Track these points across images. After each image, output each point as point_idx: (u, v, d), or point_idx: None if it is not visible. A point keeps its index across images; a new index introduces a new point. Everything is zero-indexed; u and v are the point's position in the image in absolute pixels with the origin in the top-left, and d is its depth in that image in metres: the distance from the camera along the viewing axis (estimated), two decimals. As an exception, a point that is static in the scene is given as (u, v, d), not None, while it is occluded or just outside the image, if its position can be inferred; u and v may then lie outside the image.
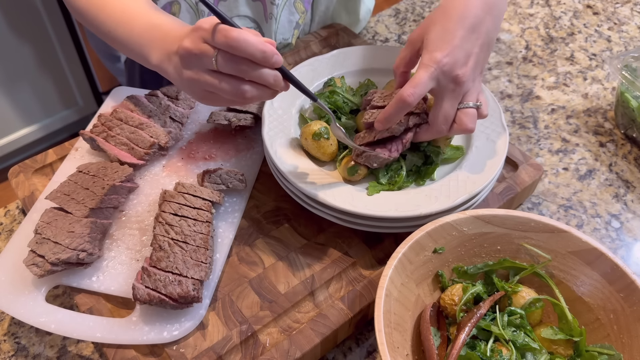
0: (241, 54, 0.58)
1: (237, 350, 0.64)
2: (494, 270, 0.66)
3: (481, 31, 0.67)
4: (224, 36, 0.58)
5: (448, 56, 0.64)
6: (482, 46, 0.67)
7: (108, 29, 0.76)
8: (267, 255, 0.73)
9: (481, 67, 0.69)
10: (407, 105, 0.65)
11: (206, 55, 0.60)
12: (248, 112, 0.85)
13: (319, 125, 0.75)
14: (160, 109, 0.85)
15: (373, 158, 0.72)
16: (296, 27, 1.01)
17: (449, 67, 0.64)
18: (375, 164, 0.72)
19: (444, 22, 0.66)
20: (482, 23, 0.67)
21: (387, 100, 0.74)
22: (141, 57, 0.71)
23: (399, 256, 0.62)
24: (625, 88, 0.90)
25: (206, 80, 0.61)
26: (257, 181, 0.82)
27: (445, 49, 0.65)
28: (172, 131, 0.82)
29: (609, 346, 0.59)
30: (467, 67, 0.65)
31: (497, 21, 0.69)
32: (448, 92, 0.66)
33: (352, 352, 0.69)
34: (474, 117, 0.68)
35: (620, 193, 0.85)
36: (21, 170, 0.83)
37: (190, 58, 0.62)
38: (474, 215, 0.65)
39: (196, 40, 0.61)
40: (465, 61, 0.65)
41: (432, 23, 0.67)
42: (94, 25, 0.78)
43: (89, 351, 0.68)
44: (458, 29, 0.65)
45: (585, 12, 1.18)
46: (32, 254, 0.66)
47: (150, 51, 0.69)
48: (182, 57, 0.62)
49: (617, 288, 0.61)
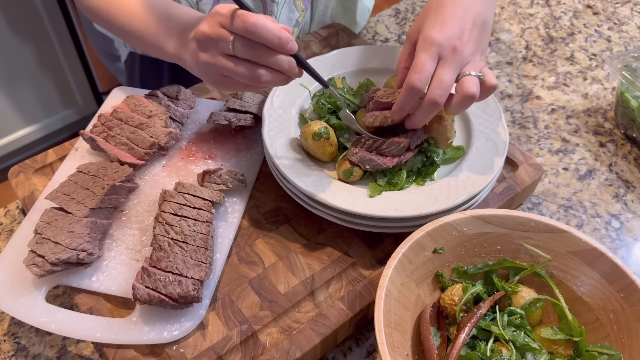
0: (258, 39, 0.60)
1: (237, 350, 0.64)
2: (494, 270, 0.66)
3: (471, 11, 0.69)
4: (242, 21, 0.60)
5: (442, 32, 0.67)
6: (474, 23, 0.69)
7: (122, 23, 0.77)
8: (267, 255, 0.73)
9: (480, 44, 0.70)
10: (416, 91, 0.66)
11: (223, 39, 0.62)
12: (248, 112, 0.85)
13: (319, 125, 0.75)
14: (160, 109, 0.85)
15: (367, 161, 0.72)
16: (296, 25, 1.01)
17: (445, 40, 0.66)
18: (368, 167, 0.73)
19: (437, 9, 0.70)
20: (471, 4, 0.70)
21: (390, 97, 0.74)
22: (158, 49, 0.73)
23: (399, 256, 0.62)
24: (625, 88, 0.90)
25: (222, 64, 0.63)
26: (257, 181, 0.82)
27: (439, 29, 0.67)
28: (172, 131, 0.82)
29: (609, 346, 0.59)
30: (462, 39, 0.67)
31: (488, 4, 0.72)
32: (447, 61, 0.67)
33: (352, 352, 0.69)
34: (476, 83, 0.66)
35: (620, 193, 0.85)
36: (21, 170, 0.83)
37: (207, 42, 0.63)
38: (474, 215, 0.65)
39: (214, 24, 0.62)
40: (460, 35, 0.67)
41: (427, 13, 0.71)
42: (107, 21, 0.79)
43: (89, 351, 0.68)
44: (450, 12, 0.69)
45: (585, 12, 1.18)
46: (32, 254, 0.66)
47: (168, 41, 0.71)
48: (199, 41, 0.64)
49: (617, 288, 0.61)
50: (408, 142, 0.73)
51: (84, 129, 0.88)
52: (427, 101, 0.66)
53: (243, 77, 0.63)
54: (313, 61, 0.88)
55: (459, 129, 0.81)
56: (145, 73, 1.13)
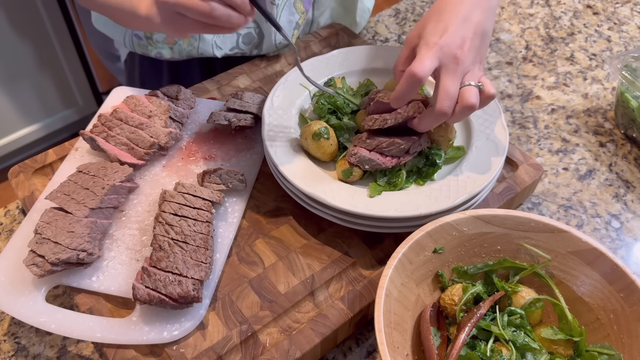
0: None
1: (237, 350, 0.64)
2: (494, 270, 0.66)
3: (472, 20, 0.70)
4: None
5: (443, 39, 0.68)
6: (475, 33, 0.69)
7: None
8: (267, 255, 0.73)
9: (479, 54, 0.70)
10: (417, 80, 0.66)
11: None
12: (248, 112, 0.85)
13: (319, 125, 0.75)
14: (161, 109, 0.85)
15: (367, 161, 0.72)
16: (296, 27, 1.01)
17: (447, 47, 0.67)
18: (367, 167, 0.72)
19: (438, 17, 0.70)
20: (472, 14, 0.70)
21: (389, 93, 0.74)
22: (132, 14, 0.74)
23: (399, 256, 0.62)
24: (625, 88, 0.90)
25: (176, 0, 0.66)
26: (257, 181, 0.82)
27: (440, 35, 0.68)
28: (172, 131, 0.82)
29: (609, 346, 0.59)
30: (463, 49, 0.68)
31: (489, 14, 0.72)
32: (449, 70, 0.67)
33: (352, 352, 0.69)
34: (476, 94, 0.68)
35: (620, 193, 0.85)
36: (21, 170, 0.83)
37: None
38: (474, 215, 0.65)
39: None
40: (461, 44, 0.68)
41: (427, 20, 0.71)
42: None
43: (89, 351, 0.68)
44: (451, 20, 0.69)
45: (585, 12, 1.18)
46: (32, 254, 0.66)
47: (140, 3, 0.72)
48: None
49: (617, 288, 0.61)
50: (409, 145, 0.73)
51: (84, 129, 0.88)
52: (437, 112, 0.67)
53: (196, 13, 0.66)
54: (313, 61, 0.88)
55: (459, 129, 0.81)
56: (145, 73, 1.13)
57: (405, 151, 0.74)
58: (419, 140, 0.74)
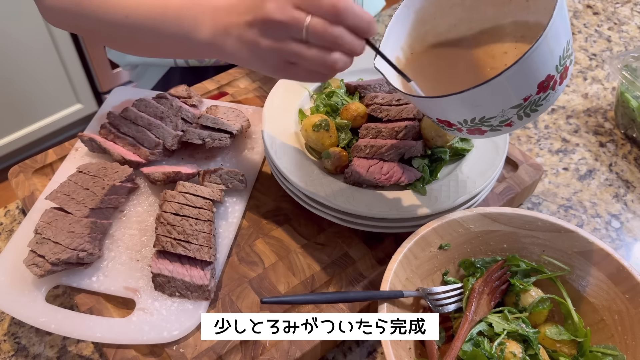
0: (346, 24, 0.54)
1: (237, 350, 0.64)
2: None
3: None
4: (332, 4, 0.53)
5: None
6: None
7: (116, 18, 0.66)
8: (267, 255, 0.73)
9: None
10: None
11: (297, 23, 0.54)
12: (221, 130, 0.81)
13: (319, 117, 0.75)
14: (172, 111, 0.84)
15: (364, 180, 0.72)
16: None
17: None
18: (364, 186, 0.72)
19: None
20: None
21: (386, 99, 0.75)
22: (181, 37, 0.63)
23: (405, 251, 0.62)
24: (625, 88, 0.90)
25: (292, 50, 0.56)
26: (257, 181, 0.82)
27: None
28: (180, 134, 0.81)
29: (612, 347, 0.59)
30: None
31: None
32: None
33: (352, 352, 0.69)
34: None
35: (620, 193, 0.85)
36: (21, 170, 0.83)
37: (275, 26, 0.55)
38: (480, 212, 0.65)
39: (286, 6, 0.54)
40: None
41: None
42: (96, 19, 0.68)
43: (89, 351, 0.68)
44: None
45: (585, 12, 1.18)
46: (32, 254, 0.66)
47: (198, 27, 0.61)
48: (264, 26, 0.56)
49: (623, 289, 0.61)
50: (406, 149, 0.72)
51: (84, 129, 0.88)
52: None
53: (314, 64, 0.56)
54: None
55: (459, 129, 0.81)
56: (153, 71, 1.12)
57: (401, 156, 0.73)
58: (416, 146, 0.74)
